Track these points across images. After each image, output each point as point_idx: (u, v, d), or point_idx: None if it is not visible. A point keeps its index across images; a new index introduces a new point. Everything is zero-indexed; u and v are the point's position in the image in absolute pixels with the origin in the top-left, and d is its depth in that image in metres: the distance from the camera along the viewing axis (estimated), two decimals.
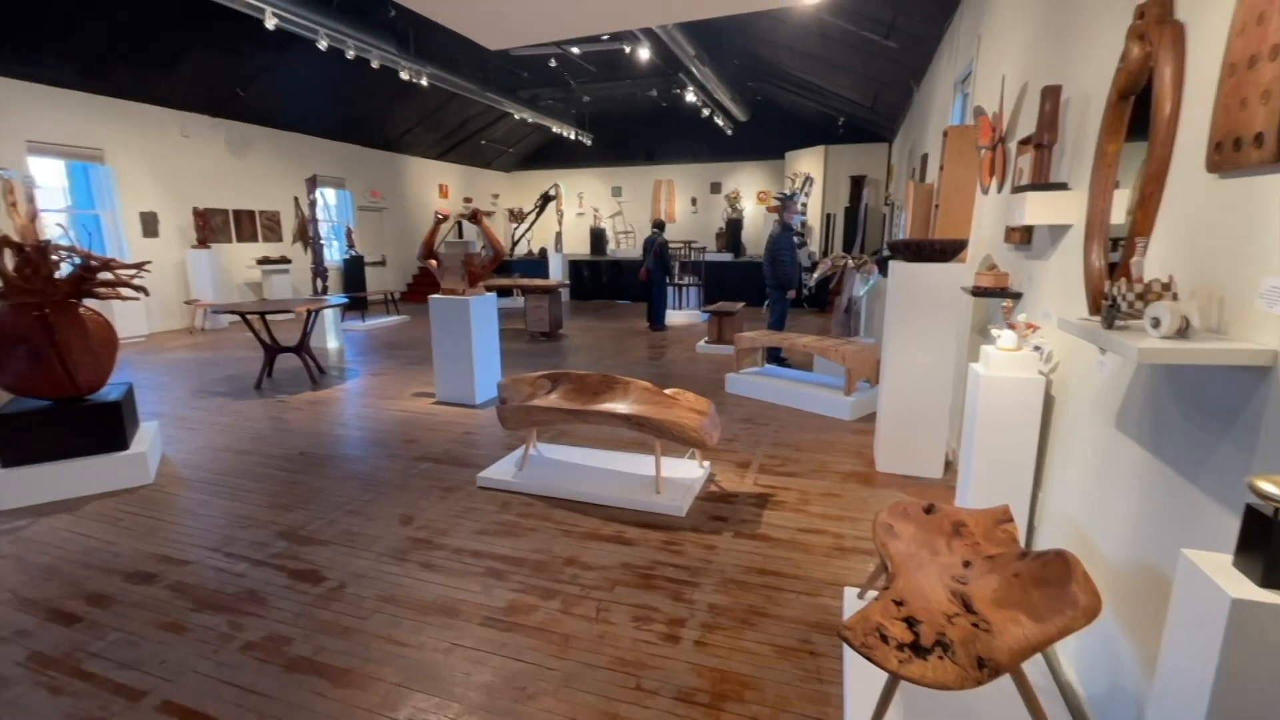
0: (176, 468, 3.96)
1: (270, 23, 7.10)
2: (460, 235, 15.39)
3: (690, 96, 11.69)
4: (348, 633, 2.28)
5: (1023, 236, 2.80)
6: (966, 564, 1.92)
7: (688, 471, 3.66)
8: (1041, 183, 2.37)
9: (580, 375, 3.80)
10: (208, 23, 8.00)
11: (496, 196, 17.64)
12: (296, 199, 11.57)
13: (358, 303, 10.43)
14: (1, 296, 3.42)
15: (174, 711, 1.90)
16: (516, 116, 13.11)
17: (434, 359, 5.39)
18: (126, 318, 8.59)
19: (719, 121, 13.51)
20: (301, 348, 6.20)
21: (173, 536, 3.04)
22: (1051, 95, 2.37)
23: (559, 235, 13.22)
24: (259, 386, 6.01)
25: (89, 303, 3.70)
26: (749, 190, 16.01)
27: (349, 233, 12.37)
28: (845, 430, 4.61)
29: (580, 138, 15.21)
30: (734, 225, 14.97)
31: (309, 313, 6.35)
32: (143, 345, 8.47)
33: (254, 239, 11.24)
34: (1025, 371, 2.37)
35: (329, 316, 8.15)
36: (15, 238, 4.07)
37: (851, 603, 2.40)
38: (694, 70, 9.75)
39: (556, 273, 12.75)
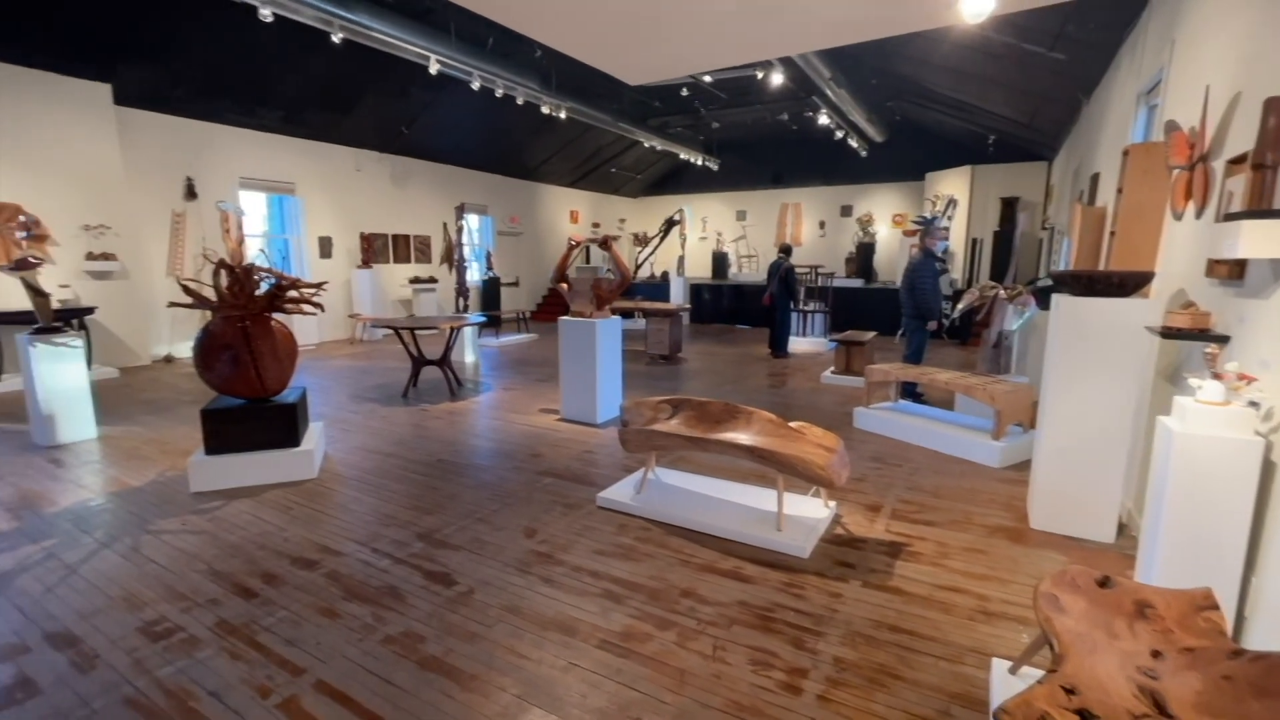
0: (335, 465, 4.42)
1: (434, 68, 7.92)
2: (587, 260, 16.08)
3: (823, 119, 11.42)
4: (474, 638, 2.39)
5: (1232, 271, 2.39)
6: (1156, 654, 1.63)
7: (811, 510, 3.48)
8: (1262, 210, 2.01)
9: (702, 402, 3.77)
10: (382, 71, 9.08)
11: (623, 221, 18.24)
12: (445, 224, 12.70)
13: (492, 321, 11.19)
14: (214, 309, 4.05)
15: (326, 691, 2.09)
16: (646, 144, 13.52)
17: (560, 377, 5.61)
18: (301, 328, 9.85)
19: (852, 143, 13.05)
20: (444, 361, 6.73)
21: (330, 528, 3.38)
22: (1276, 108, 2.02)
23: (681, 259, 13.37)
24: (405, 395, 6.59)
25: (277, 315, 4.27)
26: (883, 213, 15.27)
27: (489, 256, 13.35)
28: (992, 478, 4.17)
29: (707, 163, 15.37)
30: (865, 250, 14.32)
31: (452, 329, 6.88)
32: (313, 353, 9.64)
33: (408, 260, 12.48)
34: (1237, 430, 2.00)
35: (468, 333, 8.79)
36: (227, 260, 4.83)
37: (1001, 678, 2.13)
38: (828, 92, 9.52)
39: (678, 296, 12.87)
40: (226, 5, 6.40)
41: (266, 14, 6.21)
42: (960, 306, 5.69)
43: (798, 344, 9.97)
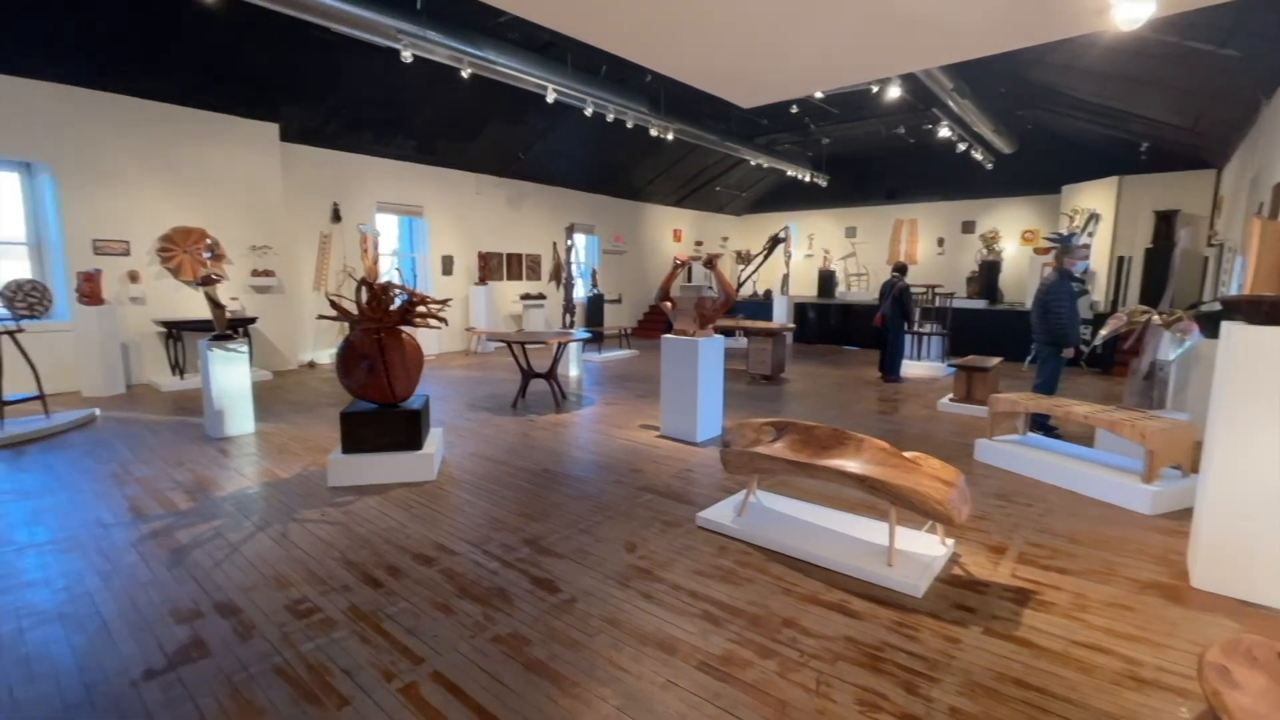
0: (452, 469, 4.72)
1: (551, 97, 8.37)
2: (689, 278, 16.17)
3: (944, 131, 10.83)
4: (576, 646, 2.46)
5: None
6: None
7: (926, 547, 3.27)
8: None
9: (808, 426, 3.66)
10: (503, 101, 9.72)
11: (726, 239, 18.20)
12: (555, 244, 13.30)
13: (596, 336, 11.53)
14: (355, 322, 4.49)
15: (441, 682, 2.23)
16: (752, 162, 13.46)
17: (661, 394, 5.67)
18: (424, 339, 10.66)
19: (976, 155, 12.26)
20: (551, 375, 7.02)
21: (446, 528, 3.61)
22: None
23: (785, 277, 13.11)
24: (515, 406, 6.93)
25: (406, 328, 4.66)
26: (1011, 230, 14.17)
27: (594, 274, 13.79)
28: (1142, 526, 3.71)
29: (815, 179, 15.03)
30: (989, 269, 13.32)
31: (559, 344, 7.16)
32: (433, 363, 10.38)
33: (519, 277, 13.18)
34: None
35: (573, 348, 9.11)
36: (365, 278, 5.35)
37: None
38: (951, 104, 9.03)
39: (781, 315, 12.62)
40: (373, 50, 7.16)
41: (407, 56, 6.87)
42: (1104, 332, 5.14)
43: (911, 368, 9.43)
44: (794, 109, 10.73)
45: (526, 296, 12.91)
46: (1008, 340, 10.00)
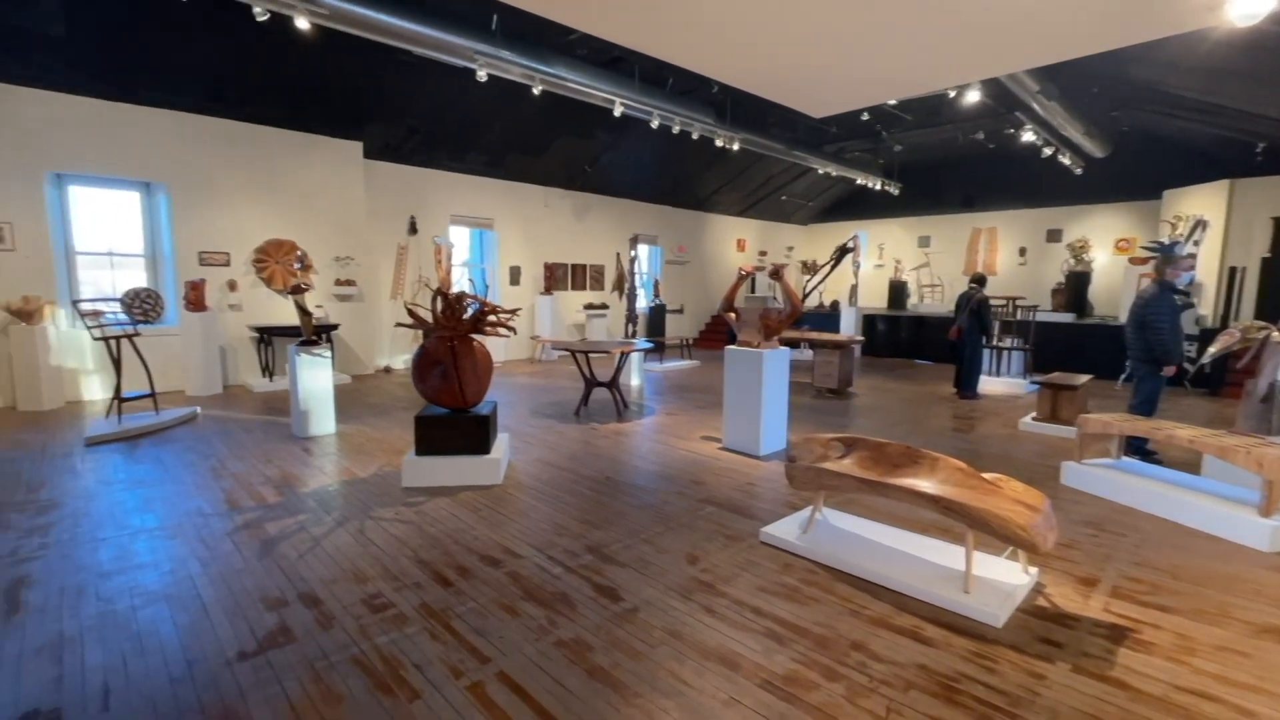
0: (517, 474, 4.84)
1: (618, 111, 8.51)
2: (752, 289, 16.00)
3: (1028, 135, 10.29)
4: (638, 656, 2.45)
5: None
6: None
7: (1007, 574, 3.08)
8: None
9: (879, 443, 3.53)
10: (571, 116, 9.95)
11: (791, 249, 17.89)
12: (619, 254, 13.45)
13: (657, 346, 11.56)
14: (430, 330, 4.69)
15: (506, 682, 2.28)
16: (820, 171, 13.21)
17: (724, 406, 5.61)
18: (490, 346, 11.01)
19: (1064, 160, 11.57)
20: (613, 384, 7.09)
21: (512, 531, 3.69)
22: None
23: (854, 288, 12.75)
24: (577, 414, 7.03)
25: (477, 336, 4.83)
26: (1103, 238, 13.27)
27: (656, 284, 13.86)
28: (1258, 564, 3.36)
29: (887, 187, 14.59)
30: (1078, 279, 12.47)
31: (622, 354, 7.23)
32: (498, 370, 10.69)
33: (583, 288, 13.41)
34: None
35: (635, 358, 9.17)
36: (439, 288, 5.58)
37: None
38: (1036, 107, 8.57)
39: (849, 327, 12.28)
40: (451, 70, 7.50)
41: (483, 75, 7.16)
42: (1212, 350, 4.71)
43: (990, 384, 8.95)
44: (865, 116, 10.46)
45: (590, 306, 13.12)
46: (1098, 356, 9.35)
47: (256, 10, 5.56)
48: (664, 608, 2.83)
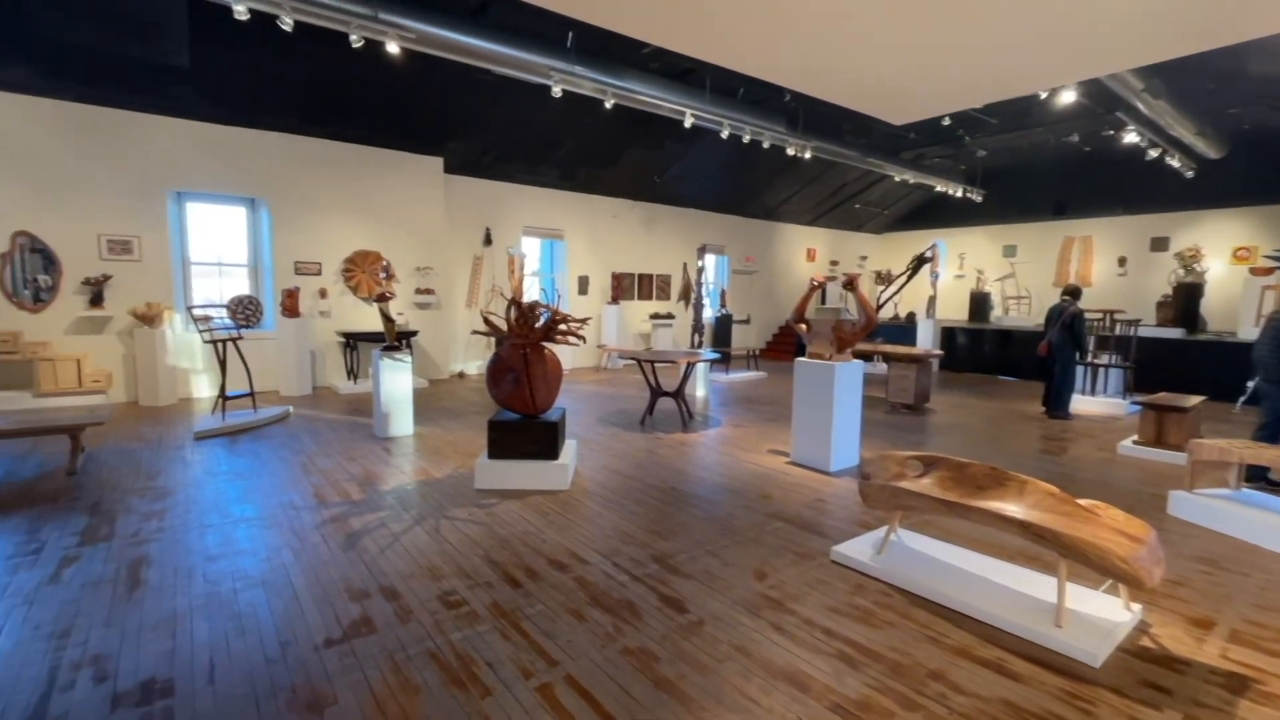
0: (583, 480, 4.90)
1: (688, 122, 8.55)
2: (823, 300, 15.61)
3: (1130, 137, 9.58)
4: (705, 669, 2.43)
5: None
6: None
7: (1105, 610, 2.85)
8: None
9: (960, 463, 3.36)
10: (641, 128, 10.08)
11: (864, 259, 17.37)
12: (685, 264, 13.47)
13: (723, 357, 11.46)
14: (504, 338, 4.84)
15: (574, 686, 2.30)
16: (897, 178, 12.78)
17: (793, 419, 5.49)
18: (559, 355, 11.24)
19: (1172, 163, 10.69)
20: (679, 394, 7.08)
21: (579, 537, 3.74)
22: None
23: (932, 300, 12.21)
24: (642, 423, 7.06)
25: (548, 344, 4.94)
26: (1218, 246, 12.13)
27: (723, 294, 13.77)
28: None
29: (969, 194, 13.93)
30: (1188, 292, 11.46)
31: (688, 364, 7.21)
32: (565, 378, 10.87)
33: (649, 297, 13.49)
34: None
35: (700, 368, 9.13)
36: (515, 297, 5.75)
37: None
38: (1140, 106, 7.97)
39: (926, 340, 11.77)
40: (526, 87, 7.76)
41: (557, 91, 7.38)
42: None
43: (1083, 404, 8.34)
44: (946, 121, 10.04)
45: (656, 316, 13.18)
46: (1211, 376, 8.54)
47: (353, 38, 5.96)
48: (731, 622, 2.79)
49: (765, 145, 9.81)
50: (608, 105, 7.95)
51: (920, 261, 9.80)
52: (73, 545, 3.49)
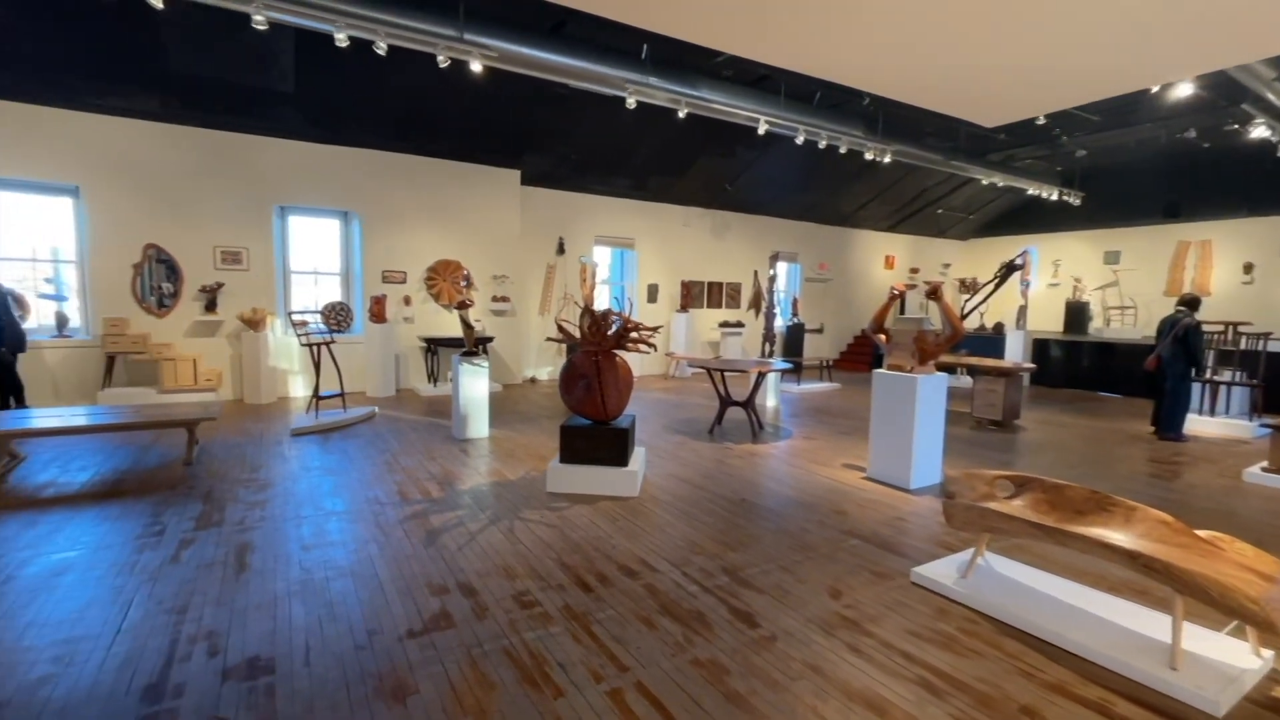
0: (652, 488, 4.91)
1: (762, 129, 8.46)
2: (902, 309, 14.99)
3: (1259, 131, 8.69)
4: (777, 686, 2.37)
5: None
6: None
7: (1229, 654, 2.57)
8: None
9: (1058, 485, 3.13)
10: (713, 136, 10.06)
11: (947, 266, 16.57)
12: (756, 272, 13.29)
13: (795, 367, 11.21)
14: (577, 345, 4.94)
15: (644, 693, 2.30)
16: (984, 181, 12.13)
17: (870, 433, 5.30)
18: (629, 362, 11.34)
19: None
20: (749, 404, 6.98)
21: (648, 544, 3.75)
22: None
23: (1022, 309, 11.48)
24: (711, 432, 7.00)
25: (619, 352, 4.99)
26: None
27: (795, 302, 13.48)
28: None
29: (1065, 197, 13.03)
30: None
31: (759, 374, 7.10)
32: (633, 385, 10.96)
33: (719, 305, 13.40)
34: None
35: (771, 378, 8.96)
36: (584, 305, 5.85)
37: None
38: (1271, 97, 7.22)
39: (1015, 352, 11.07)
40: (601, 99, 7.92)
41: (631, 102, 7.49)
42: None
43: (1200, 424, 7.59)
44: (1041, 120, 9.45)
45: (725, 324, 13.07)
46: None
47: (440, 59, 6.29)
48: (804, 640, 2.71)
49: (842, 150, 9.56)
50: (681, 115, 7.98)
51: (1009, 269, 9.25)
52: (189, 529, 3.83)
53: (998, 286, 8.54)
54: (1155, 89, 7.16)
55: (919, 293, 14.90)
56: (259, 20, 5.48)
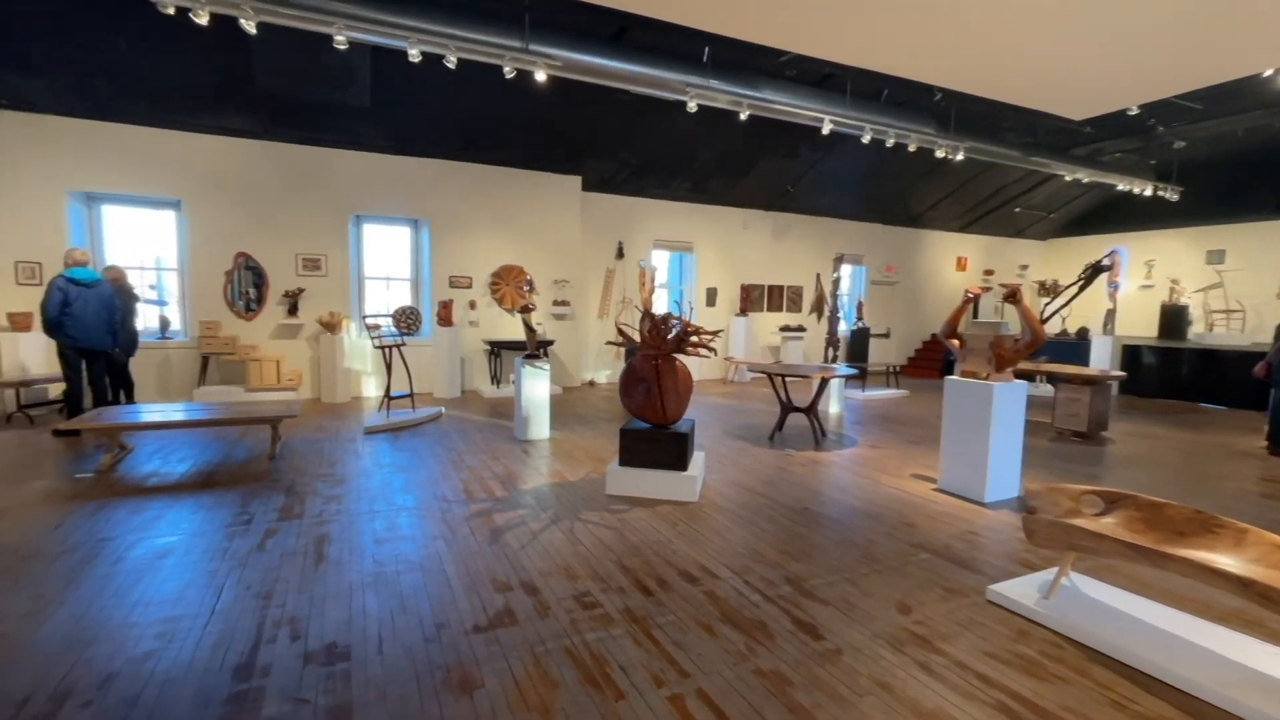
0: (712, 493, 4.86)
1: (826, 128, 8.27)
2: (975, 314, 14.30)
3: None
4: (843, 701, 2.29)
5: None
6: None
7: None
8: None
9: (1155, 503, 2.90)
10: (775, 137, 9.91)
11: (1025, 268, 15.68)
12: (818, 275, 13.01)
13: (860, 373, 10.87)
14: (637, 348, 4.96)
15: (705, 700, 2.28)
16: (1068, 178, 11.41)
17: (941, 443, 5.06)
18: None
19: None
20: (811, 410, 6.82)
21: (708, 550, 3.71)
22: None
23: (1110, 313, 10.73)
24: (771, 439, 6.87)
25: (679, 356, 4.98)
26: None
27: (860, 306, 13.07)
28: None
29: (1160, 192, 12.10)
30: None
31: (823, 379, 6.92)
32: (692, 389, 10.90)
33: (779, 309, 13.17)
34: None
35: (835, 383, 8.72)
36: (643, 309, 5.86)
37: None
38: None
39: (1103, 359, 10.36)
40: (661, 104, 7.94)
41: (693, 106, 7.47)
42: None
43: None
44: (1134, 110, 8.82)
45: (786, 328, 12.83)
46: None
47: (506, 70, 6.47)
48: (871, 655, 2.61)
49: (911, 148, 9.22)
50: (742, 117, 7.90)
51: (1096, 270, 8.67)
52: (273, 520, 4.07)
53: (1082, 289, 8.04)
54: (1268, 73, 6.55)
55: (993, 296, 14.17)
56: (340, 40, 5.80)
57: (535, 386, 6.67)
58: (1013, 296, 4.77)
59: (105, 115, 7.74)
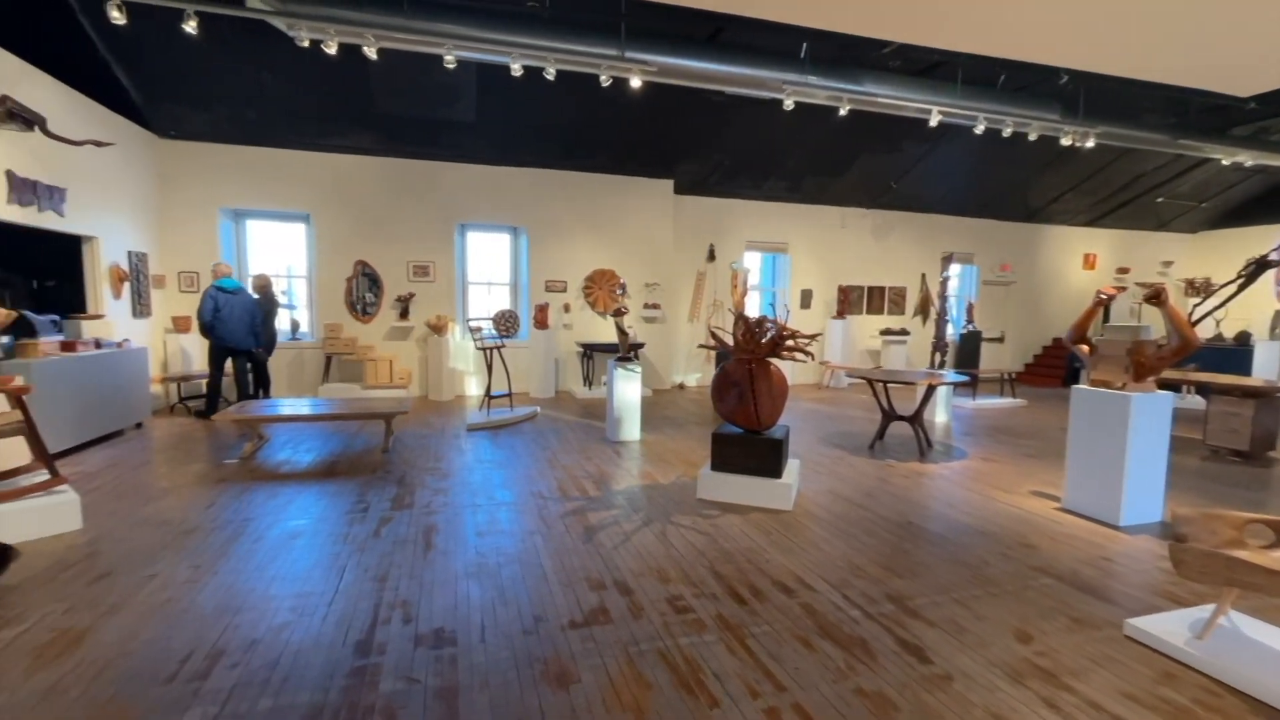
0: (807, 503, 4.70)
1: (934, 120, 7.80)
2: (1106, 318, 12.96)
3: None
4: None
5: None
6: None
7: None
8: None
9: None
10: (875, 132, 9.46)
11: (1168, 265, 14.03)
12: (924, 275, 12.29)
13: (971, 380, 10.14)
14: (731, 352, 4.89)
15: (804, 717, 2.20)
16: (1225, 161, 10.08)
17: (1067, 458, 4.61)
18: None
19: None
20: (916, 419, 6.44)
21: (804, 561, 3.59)
22: None
23: (1278, 315, 9.36)
24: (871, 448, 6.55)
25: (774, 360, 4.86)
26: None
27: (970, 308, 12.21)
28: None
29: None
30: None
31: (928, 386, 6.52)
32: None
33: (880, 312, 12.54)
34: None
35: (941, 391, 8.20)
36: (735, 312, 5.77)
37: None
38: None
39: (1268, 368, 9.06)
40: (755, 103, 7.81)
41: (789, 104, 7.29)
42: None
43: None
44: None
45: (887, 332, 12.20)
46: None
47: (602, 78, 6.61)
48: (986, 685, 2.42)
49: (1031, 137, 8.51)
50: (842, 112, 7.63)
51: (1261, 266, 7.61)
52: (387, 509, 4.38)
53: (1242, 288, 7.08)
54: None
55: (1129, 296, 12.77)
56: (449, 60, 6.17)
57: (627, 388, 6.75)
58: (1157, 297, 4.27)
59: (252, 140, 8.69)
